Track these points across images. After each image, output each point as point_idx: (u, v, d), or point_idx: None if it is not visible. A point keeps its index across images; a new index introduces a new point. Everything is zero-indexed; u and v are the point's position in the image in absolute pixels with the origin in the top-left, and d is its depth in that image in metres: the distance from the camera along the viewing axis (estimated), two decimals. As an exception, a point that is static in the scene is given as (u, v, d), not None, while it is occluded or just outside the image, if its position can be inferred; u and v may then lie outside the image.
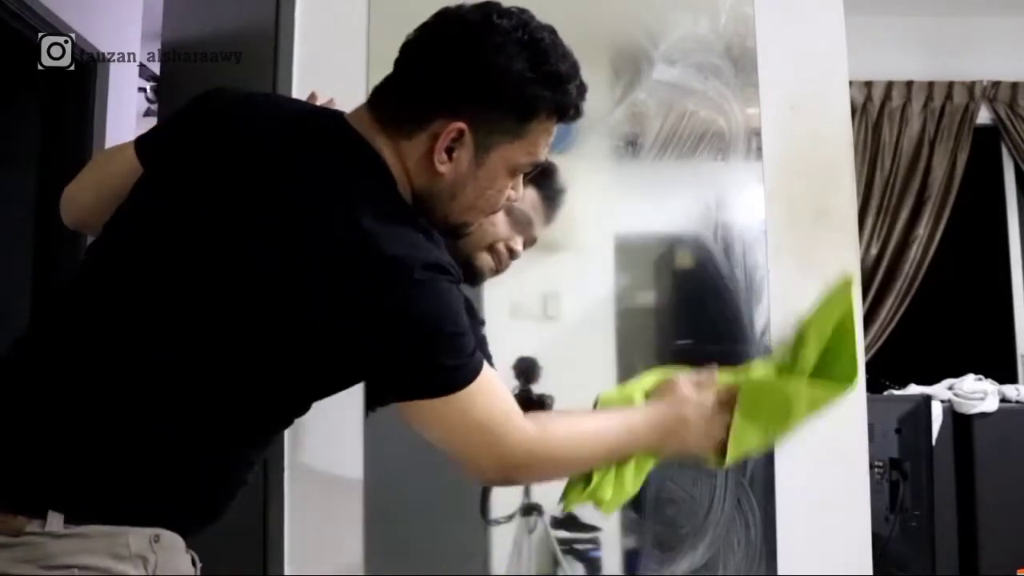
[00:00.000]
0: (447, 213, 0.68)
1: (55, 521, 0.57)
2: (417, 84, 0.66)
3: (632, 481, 0.72)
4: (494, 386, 0.64)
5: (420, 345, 0.61)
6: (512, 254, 0.95)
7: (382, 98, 0.68)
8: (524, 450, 0.64)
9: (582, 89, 0.69)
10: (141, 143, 0.71)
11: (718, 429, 0.72)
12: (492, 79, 0.64)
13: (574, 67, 0.68)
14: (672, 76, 1.33)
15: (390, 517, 1.11)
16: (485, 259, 0.94)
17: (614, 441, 0.69)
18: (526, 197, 0.93)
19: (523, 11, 0.67)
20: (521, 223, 0.95)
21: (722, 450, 0.72)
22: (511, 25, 0.65)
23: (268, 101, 0.74)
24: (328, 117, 0.69)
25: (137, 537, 0.59)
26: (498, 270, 0.96)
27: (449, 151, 0.65)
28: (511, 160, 0.68)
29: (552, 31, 0.67)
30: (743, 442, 0.72)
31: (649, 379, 0.77)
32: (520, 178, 0.71)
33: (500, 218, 0.91)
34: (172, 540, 0.61)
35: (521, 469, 0.65)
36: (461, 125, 0.64)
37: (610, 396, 0.76)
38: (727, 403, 0.73)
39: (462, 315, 0.62)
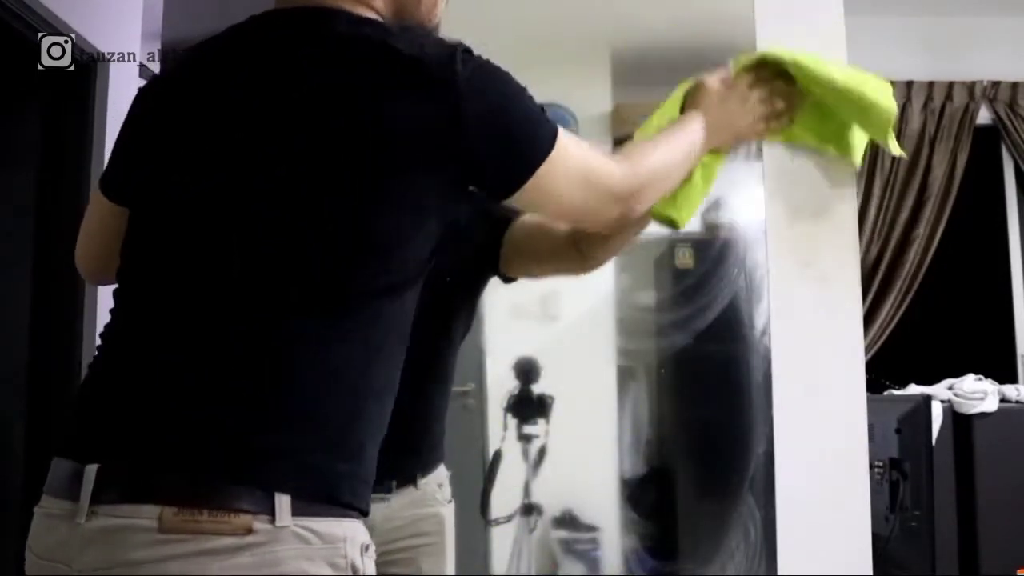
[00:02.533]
0: (420, 18, 0.68)
1: (284, 512, 0.53)
2: None
3: (703, 185, 0.80)
4: (569, 135, 0.65)
5: (512, 116, 0.61)
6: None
7: None
8: (631, 177, 0.68)
9: None
10: (104, 183, 0.70)
11: (760, 106, 0.82)
12: None
13: None
14: (672, 77, 1.33)
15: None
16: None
17: (687, 147, 0.75)
18: None
19: None
20: None
21: (770, 124, 0.83)
22: None
23: (203, 43, 0.69)
24: (266, 15, 0.66)
25: (352, 546, 0.57)
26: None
27: None
28: None
29: None
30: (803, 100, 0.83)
31: (677, 95, 0.83)
32: None
33: None
34: (373, 551, 0.59)
35: (636, 196, 0.69)
36: None
37: (649, 123, 0.82)
38: (756, 83, 0.82)
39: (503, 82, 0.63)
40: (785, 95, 0.86)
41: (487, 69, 0.62)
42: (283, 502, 0.54)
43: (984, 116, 2.55)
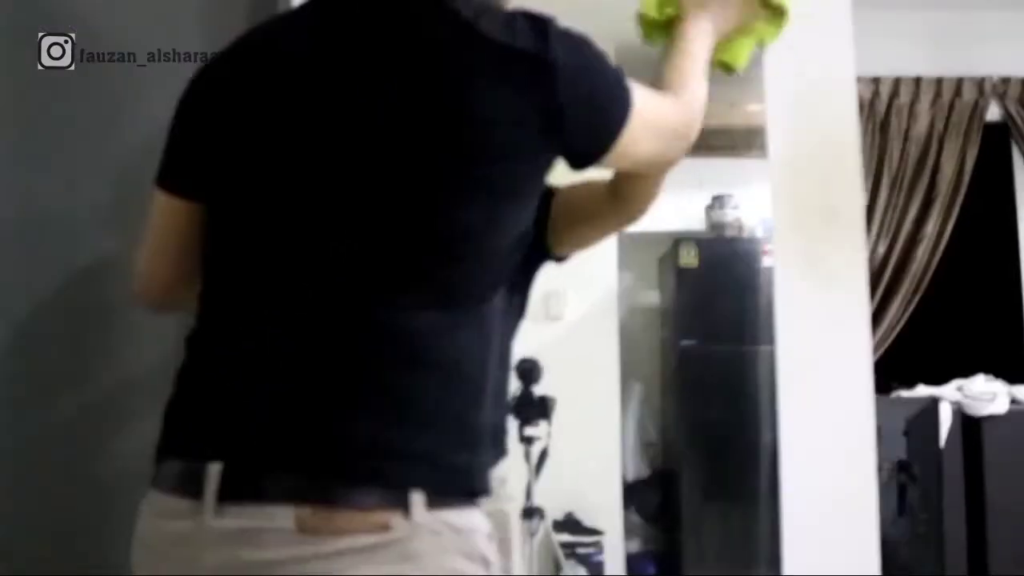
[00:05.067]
0: None
1: (418, 507, 0.53)
2: None
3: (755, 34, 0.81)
4: (638, 87, 0.66)
5: (602, 90, 0.62)
6: None
7: None
8: (687, 112, 0.71)
9: None
10: (166, 180, 0.65)
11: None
12: None
13: None
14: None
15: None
16: None
17: (706, 56, 0.77)
18: None
19: None
20: None
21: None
22: None
23: (275, 24, 0.67)
24: None
25: (480, 537, 0.57)
26: None
27: None
28: None
29: None
30: None
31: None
32: None
33: None
34: (495, 538, 0.59)
35: (692, 128, 0.71)
36: None
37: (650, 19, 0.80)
38: None
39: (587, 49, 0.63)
40: None
41: (574, 44, 0.62)
42: (417, 498, 0.54)
43: (994, 113, 2.52)
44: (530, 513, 1.24)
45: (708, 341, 1.63)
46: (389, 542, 0.53)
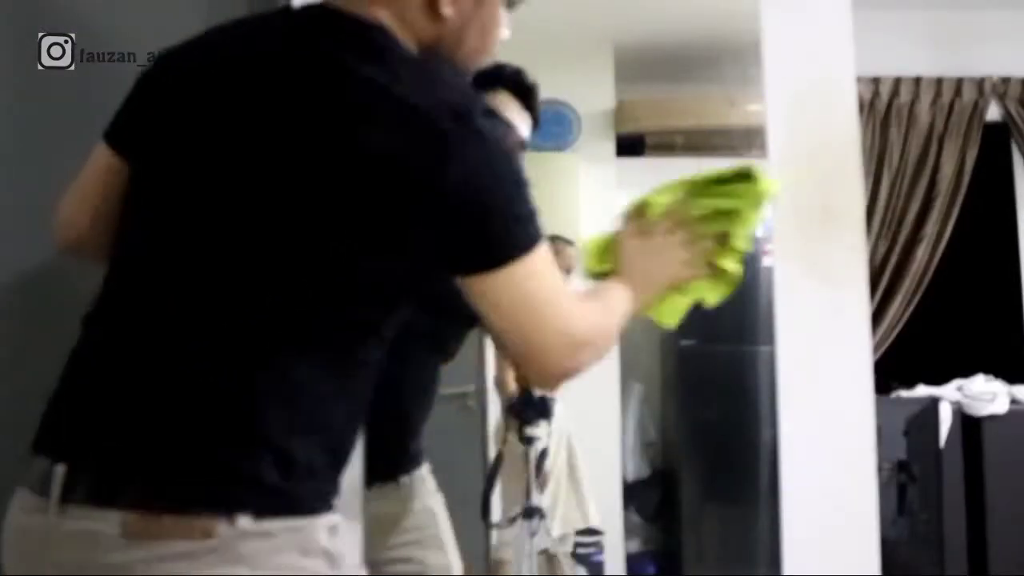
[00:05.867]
0: (459, 60, 0.67)
1: (245, 518, 0.54)
2: None
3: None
4: (550, 255, 0.61)
5: (495, 200, 0.58)
6: None
7: None
8: (588, 323, 0.63)
9: None
10: (109, 133, 0.69)
11: (682, 250, 0.74)
12: None
13: None
14: (676, 73, 1.32)
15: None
16: None
17: (624, 310, 0.70)
18: (507, 107, 0.93)
19: None
20: (511, 129, 0.94)
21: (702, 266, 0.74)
22: None
23: (237, 25, 0.69)
24: (309, 10, 0.65)
25: (319, 530, 0.57)
26: None
27: None
28: None
29: None
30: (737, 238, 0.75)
31: (597, 242, 0.78)
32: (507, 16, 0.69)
33: None
34: (343, 529, 0.60)
35: (586, 347, 0.62)
36: None
37: (589, 253, 0.77)
38: (677, 225, 0.74)
39: (509, 161, 0.60)
40: (706, 234, 0.75)
41: (492, 142, 0.59)
42: (241, 516, 0.54)
43: (994, 112, 2.52)
44: (530, 513, 1.24)
45: (708, 341, 1.63)
46: (216, 546, 0.54)
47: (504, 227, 0.58)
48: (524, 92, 0.99)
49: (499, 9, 0.68)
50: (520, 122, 0.98)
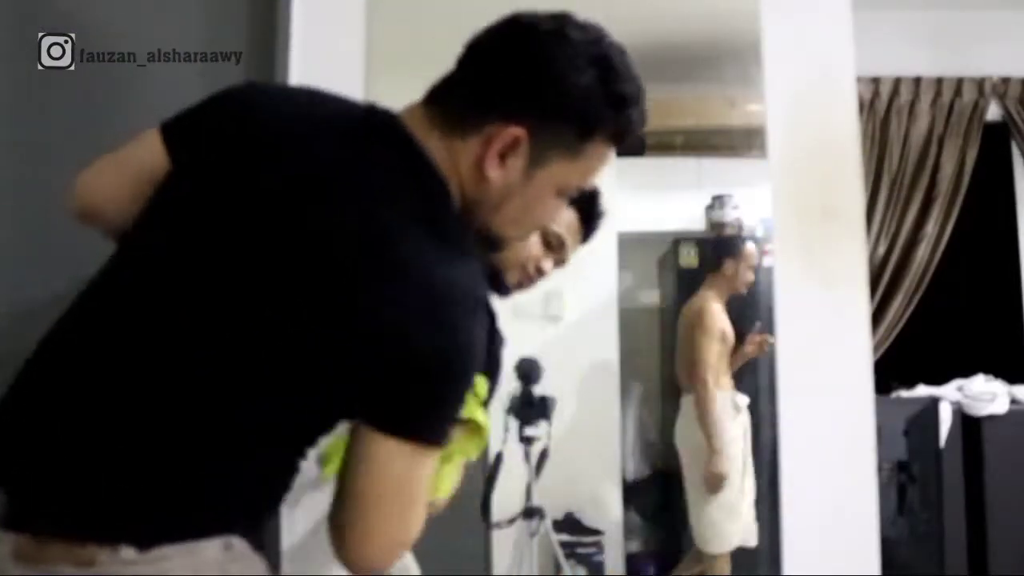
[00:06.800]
0: (489, 223, 0.67)
1: (128, 549, 0.56)
2: (480, 85, 0.65)
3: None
4: (431, 466, 0.62)
5: (433, 386, 0.59)
6: (540, 273, 0.93)
7: (440, 96, 0.66)
8: (412, 534, 0.63)
9: (643, 117, 0.69)
10: (168, 127, 0.69)
11: None
12: (558, 90, 0.63)
13: (640, 92, 0.67)
14: (677, 73, 1.32)
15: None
16: (514, 274, 0.91)
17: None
18: (564, 218, 0.91)
19: (597, 27, 0.67)
20: (554, 245, 0.93)
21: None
22: (584, 39, 0.65)
23: (313, 97, 0.71)
24: (381, 118, 0.67)
25: (212, 549, 0.58)
26: (522, 287, 0.94)
27: (502, 157, 0.64)
28: (562, 179, 0.67)
29: (623, 51, 0.67)
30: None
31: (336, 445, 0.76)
32: (563, 202, 0.69)
33: (534, 237, 0.89)
34: (243, 547, 0.61)
35: (394, 553, 0.63)
36: (519, 131, 0.63)
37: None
38: None
39: (478, 365, 0.62)
40: None
41: (476, 340, 0.60)
42: (125, 548, 0.56)
43: (994, 112, 2.52)
44: (530, 513, 1.24)
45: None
46: (101, 573, 0.56)
47: (440, 412, 0.60)
48: (590, 216, 0.94)
49: (551, 195, 0.67)
50: (570, 240, 0.93)
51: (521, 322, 1.33)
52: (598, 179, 0.73)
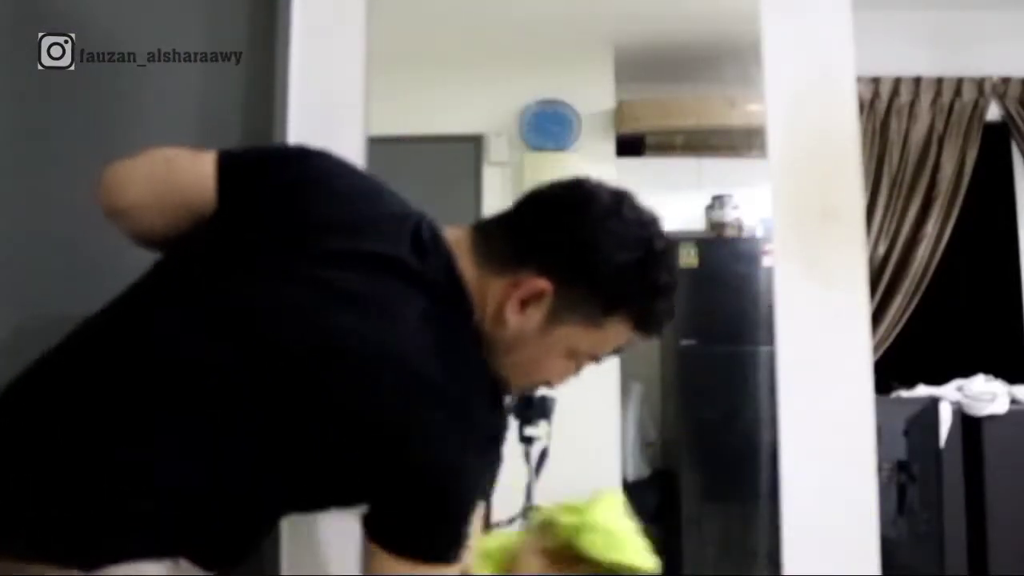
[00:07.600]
0: (498, 364, 0.68)
1: (72, 570, 0.57)
2: (526, 233, 0.67)
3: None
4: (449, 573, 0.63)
5: (436, 506, 0.61)
6: (548, 385, 0.90)
7: (488, 230, 0.69)
8: None
9: (671, 311, 0.70)
10: (227, 169, 0.68)
11: None
12: (595, 259, 0.65)
13: (673, 286, 0.69)
14: (677, 73, 1.32)
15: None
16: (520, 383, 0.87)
17: None
18: (619, 333, 0.84)
19: (653, 214, 0.69)
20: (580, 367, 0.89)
21: None
22: (636, 220, 0.67)
23: (372, 190, 0.71)
24: (429, 234, 0.68)
25: (157, 568, 0.59)
26: (525, 392, 0.92)
27: (523, 303, 0.65)
28: (575, 343, 0.68)
29: (671, 245, 0.69)
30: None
31: (498, 542, 0.80)
32: (578, 365, 0.70)
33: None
34: (189, 569, 0.61)
35: None
36: (546, 285, 0.65)
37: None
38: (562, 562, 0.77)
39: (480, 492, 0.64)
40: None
41: (484, 463, 0.63)
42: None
43: (994, 112, 2.52)
44: (530, 513, 1.24)
45: (708, 341, 1.63)
46: None
47: (430, 529, 0.62)
48: (645, 329, 0.85)
49: (560, 355, 0.68)
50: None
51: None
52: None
